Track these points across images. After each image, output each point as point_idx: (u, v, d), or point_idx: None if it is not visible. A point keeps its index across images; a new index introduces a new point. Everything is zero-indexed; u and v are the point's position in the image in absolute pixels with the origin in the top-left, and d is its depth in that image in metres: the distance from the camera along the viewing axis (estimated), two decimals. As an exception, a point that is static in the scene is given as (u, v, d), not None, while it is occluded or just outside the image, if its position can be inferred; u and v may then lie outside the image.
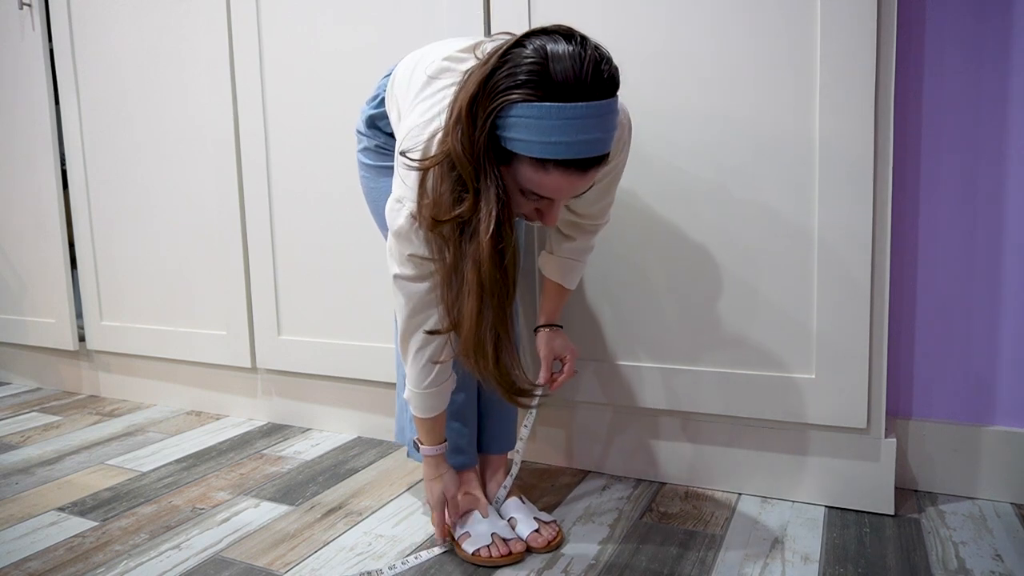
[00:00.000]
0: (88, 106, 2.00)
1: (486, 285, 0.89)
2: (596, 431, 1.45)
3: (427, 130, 0.94)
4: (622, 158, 1.10)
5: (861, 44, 1.15)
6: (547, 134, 0.82)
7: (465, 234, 0.90)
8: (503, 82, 0.83)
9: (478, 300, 0.90)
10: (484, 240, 0.87)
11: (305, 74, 1.64)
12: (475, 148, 0.86)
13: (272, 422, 1.84)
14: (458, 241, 0.90)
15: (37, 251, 2.18)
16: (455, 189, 0.89)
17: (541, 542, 1.14)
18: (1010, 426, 1.27)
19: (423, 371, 1.06)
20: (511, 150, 0.85)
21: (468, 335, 0.92)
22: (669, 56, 1.29)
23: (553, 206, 0.92)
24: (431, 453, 1.14)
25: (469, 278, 0.90)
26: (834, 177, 1.20)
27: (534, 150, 0.84)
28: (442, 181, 0.89)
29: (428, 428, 1.13)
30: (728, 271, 1.30)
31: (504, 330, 0.93)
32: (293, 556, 1.15)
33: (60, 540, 1.23)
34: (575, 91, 0.82)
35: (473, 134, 0.85)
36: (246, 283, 1.80)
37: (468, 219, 0.89)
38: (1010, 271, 1.25)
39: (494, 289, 0.90)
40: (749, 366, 1.30)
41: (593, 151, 0.85)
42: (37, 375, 2.29)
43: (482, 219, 0.87)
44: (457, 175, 0.88)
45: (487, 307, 0.90)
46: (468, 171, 0.87)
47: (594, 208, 1.14)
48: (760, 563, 1.09)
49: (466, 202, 0.88)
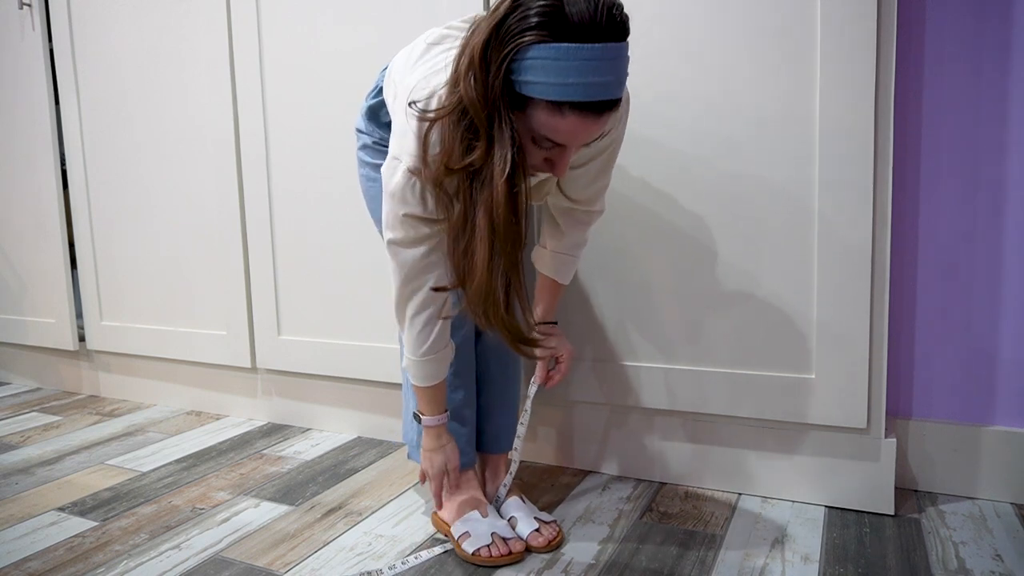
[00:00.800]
0: (88, 106, 2.00)
1: (499, 230, 0.88)
2: (596, 431, 1.45)
3: (433, 82, 0.94)
4: (620, 131, 1.09)
5: (861, 44, 1.15)
6: (563, 75, 0.82)
7: (476, 183, 0.89)
8: (516, 25, 0.83)
9: (489, 246, 0.89)
10: (499, 184, 0.87)
11: (305, 74, 1.64)
12: (490, 94, 0.85)
13: (272, 422, 1.84)
14: (468, 191, 0.90)
15: (37, 251, 2.18)
16: (465, 138, 0.88)
17: (541, 541, 1.14)
18: (1010, 426, 1.27)
19: (420, 337, 1.05)
20: (526, 94, 0.85)
21: (479, 283, 0.91)
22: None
23: (564, 155, 0.91)
24: (432, 424, 1.14)
25: (481, 224, 0.89)
26: (834, 177, 1.20)
27: (551, 92, 0.83)
28: (451, 131, 0.89)
29: (429, 397, 1.12)
30: (728, 271, 1.30)
31: (515, 276, 0.92)
32: (293, 556, 1.15)
33: (60, 540, 1.23)
34: (591, 32, 0.81)
35: (487, 80, 0.85)
36: (246, 283, 1.80)
37: (479, 168, 0.88)
38: (1010, 271, 1.25)
39: (507, 234, 0.89)
40: (749, 366, 1.30)
41: (608, 94, 0.85)
42: (37, 375, 2.29)
43: (496, 163, 0.87)
44: (467, 124, 0.88)
45: (498, 253, 0.90)
46: (481, 118, 0.86)
47: (589, 191, 1.13)
48: (760, 563, 1.09)
49: (477, 150, 0.88)
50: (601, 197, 1.17)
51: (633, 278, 1.37)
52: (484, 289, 0.92)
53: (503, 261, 0.91)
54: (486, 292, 0.92)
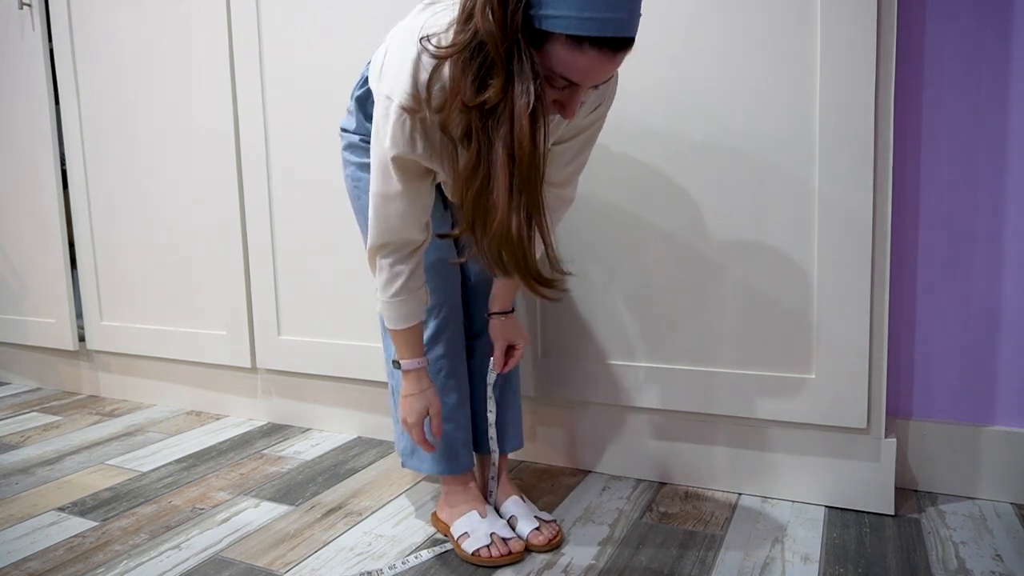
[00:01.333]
0: (88, 106, 2.01)
1: (523, 164, 0.87)
2: (596, 431, 1.45)
3: (441, 21, 0.93)
4: (604, 109, 1.09)
5: (861, 44, 1.15)
6: (584, 9, 0.82)
7: (491, 120, 0.88)
8: None
9: (508, 183, 0.88)
10: (523, 117, 0.86)
11: (305, 74, 1.64)
12: (509, 27, 0.84)
13: (272, 422, 1.84)
14: (482, 130, 0.89)
15: (37, 251, 2.18)
16: (478, 76, 0.87)
17: (542, 540, 1.14)
18: (1010, 426, 1.27)
19: (391, 277, 1.05)
20: (545, 29, 0.84)
21: (500, 222, 0.90)
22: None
23: (575, 95, 0.91)
24: (412, 367, 1.12)
25: (500, 161, 0.88)
26: (834, 177, 1.20)
27: (572, 26, 0.83)
28: (462, 69, 0.88)
29: (404, 340, 1.11)
30: (728, 272, 1.30)
31: (538, 212, 0.91)
32: (293, 556, 1.15)
33: (60, 540, 1.23)
34: None
35: (506, 13, 0.84)
36: (246, 283, 1.80)
37: (494, 105, 0.87)
38: (1010, 271, 1.25)
39: (531, 168, 0.88)
40: (749, 366, 1.30)
41: (626, 31, 0.85)
42: (37, 375, 2.29)
43: (518, 97, 0.86)
44: (481, 61, 0.87)
45: (520, 190, 0.89)
46: (500, 52, 0.85)
47: (566, 171, 1.12)
48: (760, 563, 1.09)
49: (492, 88, 0.87)
50: (574, 180, 1.15)
51: (633, 278, 1.37)
52: (504, 229, 0.90)
53: (525, 198, 0.89)
54: (506, 232, 0.90)
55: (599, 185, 1.37)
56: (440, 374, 1.19)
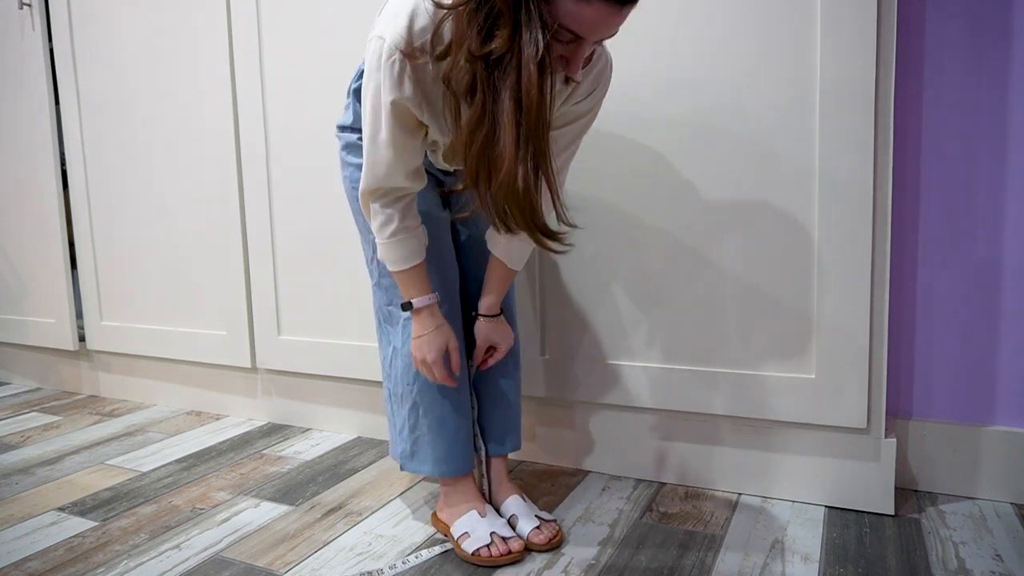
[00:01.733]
0: (88, 106, 2.01)
1: (531, 113, 0.87)
2: (596, 431, 1.45)
3: None
4: (599, 96, 1.09)
5: (861, 44, 1.15)
6: None
7: (497, 71, 0.88)
8: None
9: (515, 133, 0.88)
10: (531, 66, 0.86)
11: (305, 74, 1.64)
12: None
13: (272, 422, 1.84)
14: (488, 80, 0.89)
15: (37, 251, 2.18)
16: (484, 26, 0.88)
17: (542, 539, 1.14)
18: (1010, 426, 1.27)
19: (387, 218, 1.06)
20: None
21: (506, 173, 0.90)
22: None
23: (580, 50, 0.91)
24: (424, 303, 1.11)
25: (507, 111, 0.88)
26: (834, 178, 1.20)
27: None
28: (467, 19, 0.88)
29: (410, 280, 1.10)
30: (728, 271, 1.30)
31: (545, 162, 0.91)
32: (293, 556, 1.15)
33: (60, 540, 1.23)
34: None
35: None
36: (246, 283, 1.80)
37: (500, 56, 0.88)
38: (1010, 271, 1.25)
39: (539, 118, 0.88)
40: (749, 366, 1.30)
41: None
42: (37, 375, 2.29)
43: (525, 47, 0.86)
44: (488, 11, 0.87)
45: (527, 139, 0.89)
46: (508, 2, 0.85)
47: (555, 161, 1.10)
48: (760, 563, 1.09)
49: (498, 38, 0.87)
50: (566, 168, 1.15)
51: (632, 278, 1.37)
52: (511, 179, 0.90)
53: (532, 147, 0.89)
54: (512, 182, 0.90)
55: (599, 185, 1.37)
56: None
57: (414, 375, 1.17)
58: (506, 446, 1.27)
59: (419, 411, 1.18)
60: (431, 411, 1.18)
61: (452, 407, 1.19)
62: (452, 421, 1.19)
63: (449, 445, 1.19)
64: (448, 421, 1.19)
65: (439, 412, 1.18)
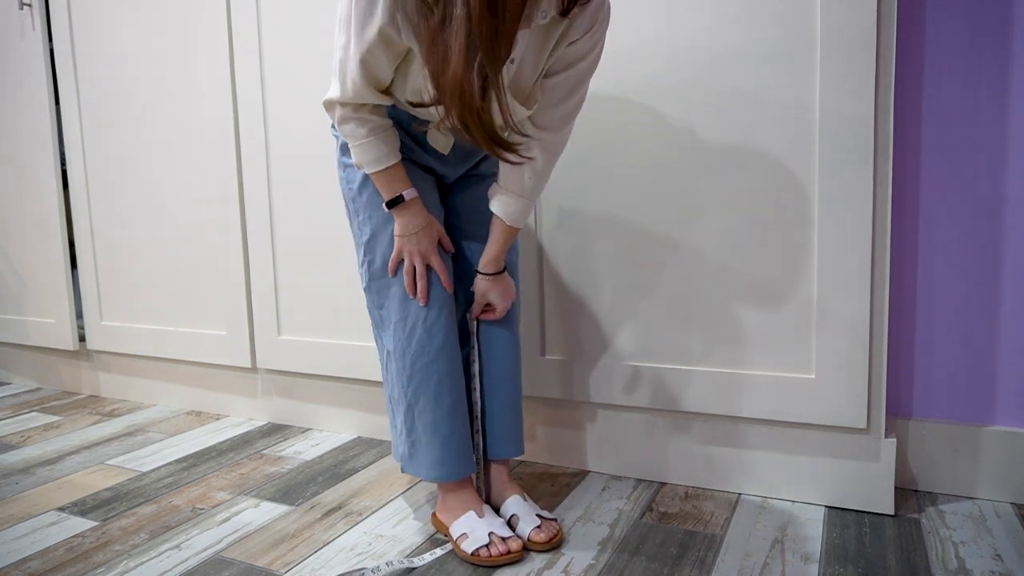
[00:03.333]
0: (88, 106, 2.01)
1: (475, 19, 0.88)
2: (596, 431, 1.45)
3: None
4: (597, 51, 1.08)
5: (861, 44, 1.15)
6: None
7: None
8: None
9: (466, 35, 0.89)
10: None
11: (305, 74, 1.64)
12: None
13: (272, 422, 1.84)
14: None
15: (37, 251, 2.18)
16: None
17: (543, 538, 1.14)
18: (1010, 426, 1.27)
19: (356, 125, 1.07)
20: None
21: (454, 74, 0.91)
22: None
23: None
24: (412, 195, 1.12)
25: (458, 15, 0.89)
26: (834, 180, 1.20)
27: None
28: None
29: (390, 178, 1.11)
30: (728, 272, 1.30)
31: (494, 72, 0.92)
32: (293, 556, 1.15)
33: (60, 540, 1.23)
34: None
35: None
36: (246, 283, 1.80)
37: None
38: (1010, 271, 1.25)
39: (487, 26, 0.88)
40: (749, 366, 1.30)
41: None
42: (37, 375, 2.30)
43: None
44: None
45: (475, 45, 0.90)
46: None
47: (557, 111, 1.10)
48: (760, 563, 1.09)
49: None
50: (565, 128, 1.13)
51: (632, 278, 1.37)
52: (459, 81, 0.91)
53: (481, 54, 0.90)
54: (461, 84, 0.91)
55: (599, 186, 1.37)
56: (433, 377, 1.16)
57: (407, 378, 1.16)
58: (508, 451, 1.25)
59: (414, 414, 1.18)
60: (424, 415, 1.17)
61: (446, 411, 1.17)
62: (446, 425, 1.17)
63: (443, 450, 1.17)
64: (441, 426, 1.17)
65: (431, 417, 1.16)
